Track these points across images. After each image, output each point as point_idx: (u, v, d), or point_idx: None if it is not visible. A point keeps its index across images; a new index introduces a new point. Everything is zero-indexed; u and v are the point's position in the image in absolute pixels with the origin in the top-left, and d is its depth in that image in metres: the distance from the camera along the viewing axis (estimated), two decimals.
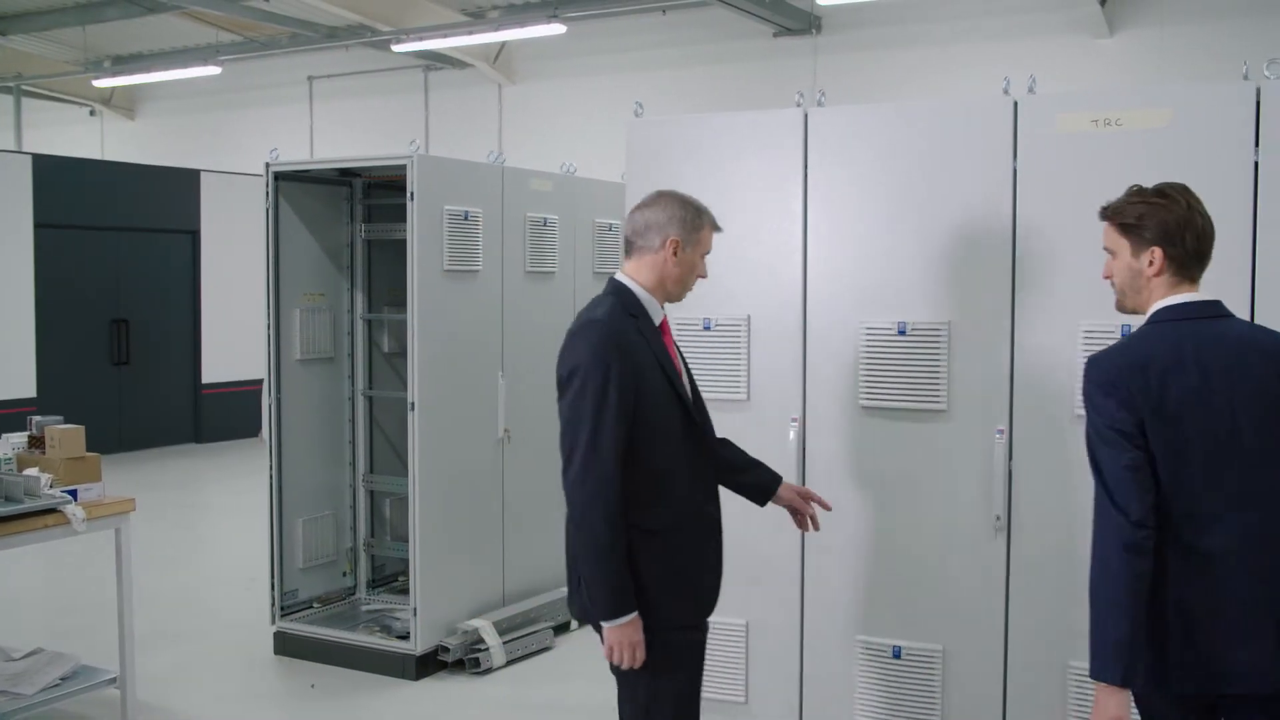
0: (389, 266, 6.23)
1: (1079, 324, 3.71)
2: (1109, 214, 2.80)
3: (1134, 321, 3.62)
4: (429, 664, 5.60)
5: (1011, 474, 3.83)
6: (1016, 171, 3.82)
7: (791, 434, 4.11)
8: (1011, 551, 3.86)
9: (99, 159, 16.18)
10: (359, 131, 15.98)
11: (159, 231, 12.84)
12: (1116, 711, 2.54)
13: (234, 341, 12.84)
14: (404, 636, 5.64)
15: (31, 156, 11.82)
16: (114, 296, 12.45)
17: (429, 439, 5.55)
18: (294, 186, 6.01)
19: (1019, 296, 3.83)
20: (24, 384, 11.21)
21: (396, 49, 13.84)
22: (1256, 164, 3.54)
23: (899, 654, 4.01)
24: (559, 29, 12.73)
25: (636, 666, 3.04)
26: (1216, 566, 2.59)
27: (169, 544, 8.44)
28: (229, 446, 12.96)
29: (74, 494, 4.65)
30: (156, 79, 16.51)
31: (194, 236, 13.08)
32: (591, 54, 14.33)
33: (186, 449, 12.98)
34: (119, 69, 16.62)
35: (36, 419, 4.95)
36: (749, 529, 4.25)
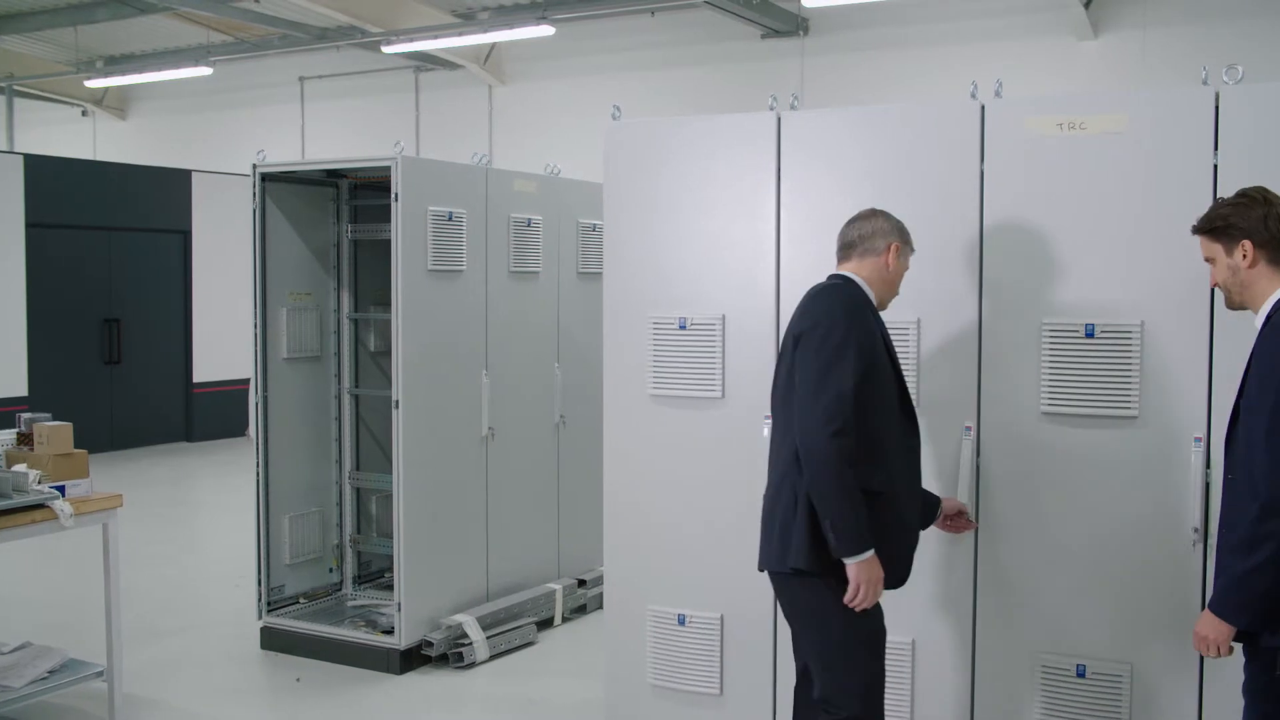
0: (375, 266, 6.30)
1: (1042, 322, 3.80)
2: (1200, 227, 3.08)
3: (1098, 320, 3.75)
4: (413, 659, 5.68)
5: (978, 471, 3.92)
6: (984, 174, 3.91)
7: (765, 430, 4.18)
8: (980, 557, 3.95)
9: (91, 159, 16.22)
10: (350, 132, 16.04)
11: (150, 231, 12.90)
12: None
13: (225, 341, 12.88)
14: (389, 631, 5.71)
15: (23, 157, 11.87)
16: (105, 296, 12.51)
17: (413, 437, 5.63)
18: (281, 187, 6.08)
19: (986, 295, 3.92)
20: (15, 383, 11.26)
21: (387, 50, 13.91)
22: (1216, 167, 3.63)
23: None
24: (547, 30, 12.82)
25: (870, 605, 3.28)
26: None
27: (158, 541, 8.51)
28: (220, 445, 13.02)
29: (62, 490, 4.71)
30: (148, 79, 16.56)
31: (185, 236, 13.15)
32: (581, 55, 14.42)
33: (178, 447, 13.04)
34: (111, 69, 16.69)
35: (25, 416, 5.01)
36: (722, 522, 4.34)
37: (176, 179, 13.19)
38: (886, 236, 3.50)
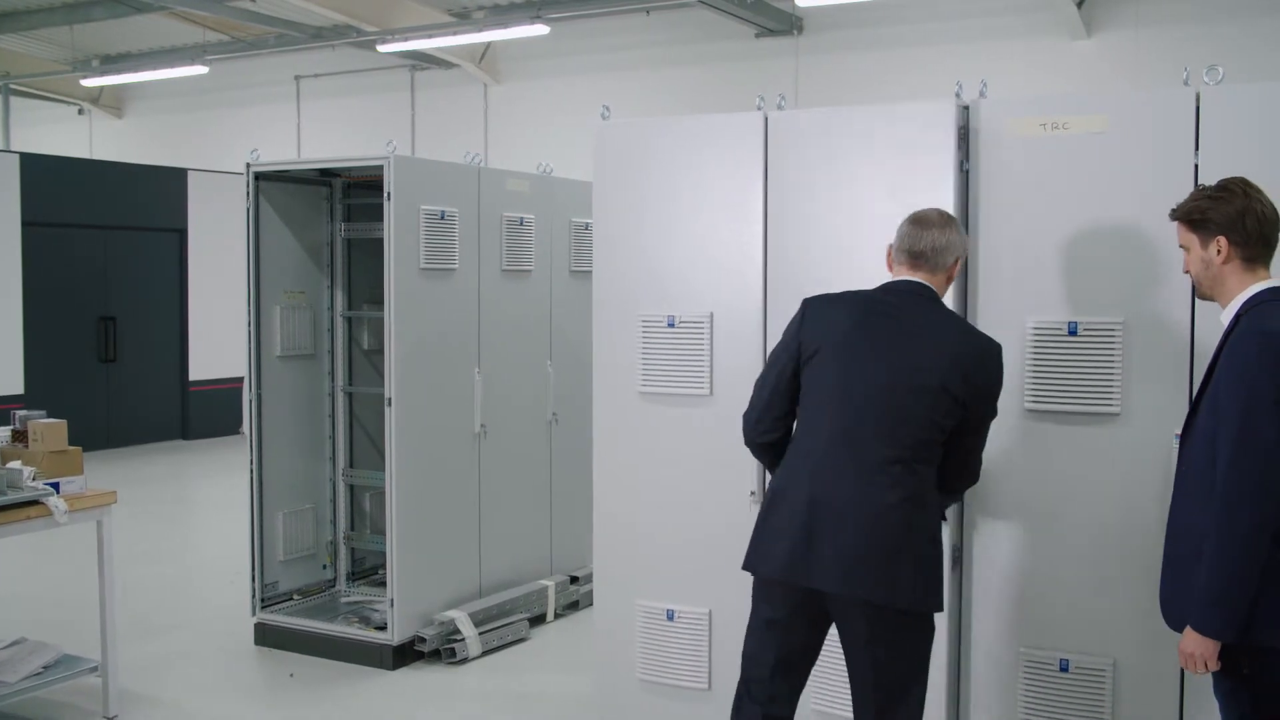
0: (369, 265, 6.33)
1: (1026, 320, 3.84)
2: (1177, 215, 3.09)
3: (1080, 319, 3.79)
4: (406, 654, 5.71)
5: None
6: (969, 173, 3.95)
7: None
8: None
9: (87, 158, 16.25)
10: (346, 131, 16.07)
11: (146, 230, 12.92)
12: None
13: (221, 339, 12.91)
14: (382, 627, 5.75)
15: (19, 155, 11.89)
16: (102, 294, 12.54)
17: (406, 434, 5.67)
18: (274, 186, 6.12)
19: (970, 294, 3.96)
20: (12, 381, 11.30)
21: (382, 49, 13.95)
22: (1196, 166, 3.67)
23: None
24: (542, 30, 12.86)
25: None
26: None
27: (153, 538, 8.55)
28: (216, 443, 13.05)
29: (56, 487, 4.75)
30: (144, 78, 16.60)
31: (181, 235, 13.17)
32: (576, 54, 14.45)
33: (174, 445, 13.07)
34: (107, 68, 16.71)
35: (20, 413, 5.05)
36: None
37: (172, 178, 13.21)
38: (954, 251, 3.41)
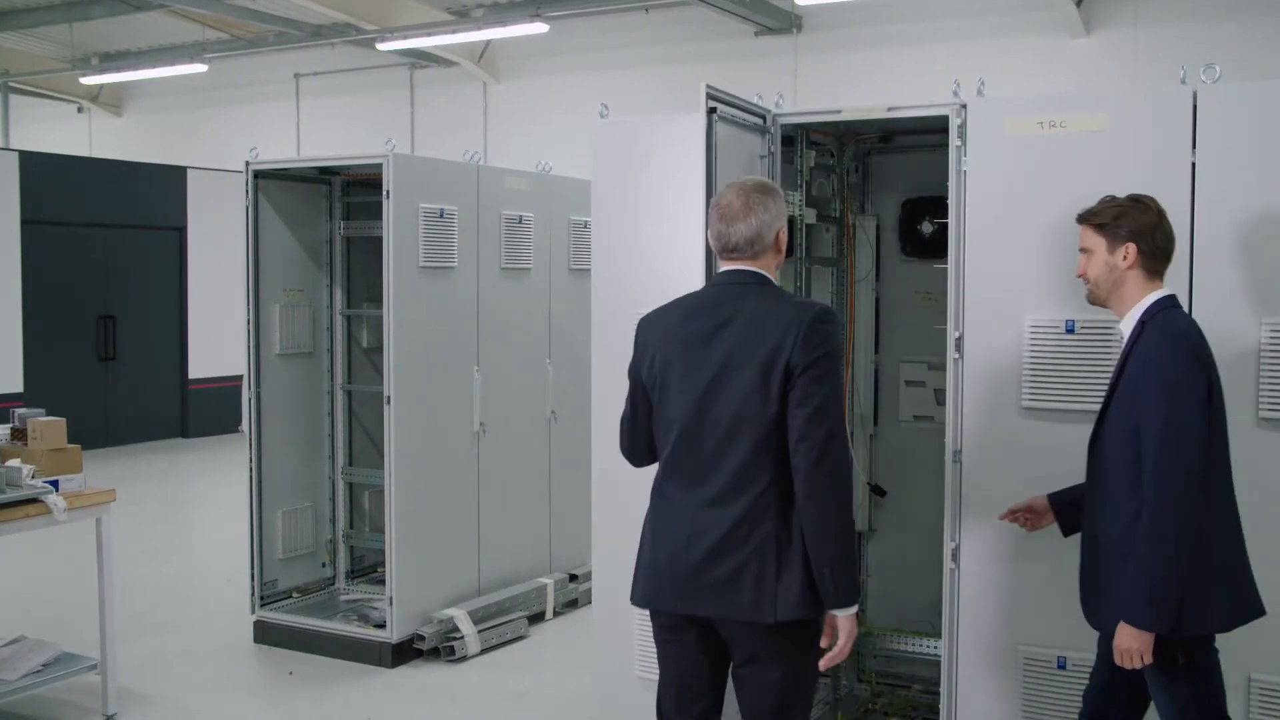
0: (368, 263, 6.34)
1: (1024, 319, 3.85)
2: (1087, 217, 3.14)
3: (1078, 317, 3.80)
4: (405, 652, 5.72)
5: (960, 465, 3.97)
6: (965, 173, 3.95)
7: None
8: None
9: (86, 156, 16.24)
10: (345, 129, 16.07)
11: (146, 228, 12.93)
12: None
13: (221, 337, 12.92)
14: (381, 625, 5.76)
15: (18, 153, 11.90)
16: (101, 292, 12.55)
17: (405, 432, 5.67)
18: (274, 184, 6.12)
19: (967, 292, 3.96)
20: (11, 379, 11.31)
21: (382, 47, 13.94)
22: (1194, 165, 3.68)
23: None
24: (541, 28, 12.86)
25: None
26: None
27: (153, 537, 8.56)
28: (215, 441, 13.05)
29: (55, 485, 4.76)
30: (143, 76, 16.61)
31: (181, 233, 13.18)
32: (575, 52, 14.45)
33: (173, 443, 13.08)
34: (106, 66, 16.70)
35: (19, 411, 5.05)
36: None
37: (172, 176, 13.22)
38: None
